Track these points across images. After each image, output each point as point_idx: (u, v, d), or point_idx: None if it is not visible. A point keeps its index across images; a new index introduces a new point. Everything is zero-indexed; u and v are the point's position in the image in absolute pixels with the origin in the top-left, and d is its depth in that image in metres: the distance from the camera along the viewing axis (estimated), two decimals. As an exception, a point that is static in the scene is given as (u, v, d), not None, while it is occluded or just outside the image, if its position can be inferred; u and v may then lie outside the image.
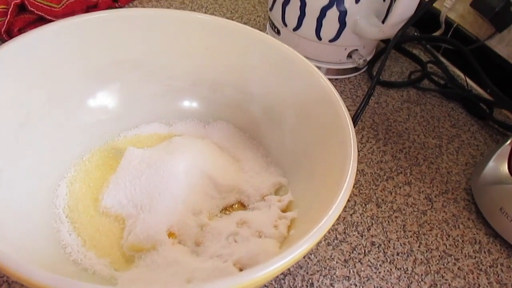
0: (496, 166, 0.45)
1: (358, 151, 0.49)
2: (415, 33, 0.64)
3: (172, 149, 0.37)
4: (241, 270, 0.30)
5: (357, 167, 0.47)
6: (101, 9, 0.58)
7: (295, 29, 0.54)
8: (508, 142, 0.46)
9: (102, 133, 0.39)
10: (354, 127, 0.44)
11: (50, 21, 0.52)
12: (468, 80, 0.60)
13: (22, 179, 0.32)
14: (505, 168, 0.44)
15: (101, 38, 0.38)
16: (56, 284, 0.19)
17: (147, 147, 0.39)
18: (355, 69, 0.58)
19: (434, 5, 0.58)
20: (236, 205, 0.37)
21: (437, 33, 0.63)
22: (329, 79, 0.57)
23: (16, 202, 0.30)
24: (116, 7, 0.61)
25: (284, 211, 0.36)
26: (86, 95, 0.38)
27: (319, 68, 0.56)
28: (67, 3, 0.54)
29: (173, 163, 0.35)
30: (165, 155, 0.36)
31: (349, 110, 0.53)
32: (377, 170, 0.47)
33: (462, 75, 0.63)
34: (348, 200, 0.42)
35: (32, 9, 0.51)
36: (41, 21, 0.52)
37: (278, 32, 0.57)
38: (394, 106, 0.56)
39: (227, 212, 0.37)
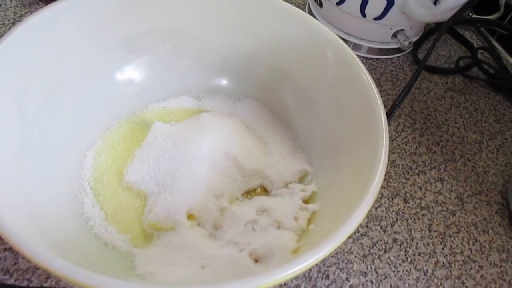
0: (538, 170, 0.42)
1: (392, 140, 0.47)
2: (469, 14, 0.59)
3: (199, 127, 0.37)
4: (256, 261, 0.30)
5: (389, 157, 0.45)
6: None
7: (339, 3, 0.51)
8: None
9: (130, 105, 0.39)
10: (391, 116, 0.42)
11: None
12: (521, 71, 0.56)
13: (50, 148, 0.32)
14: (547, 175, 0.41)
15: (135, 7, 0.36)
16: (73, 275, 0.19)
17: (175, 121, 0.39)
18: (399, 50, 0.55)
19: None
20: (259, 189, 0.37)
21: (493, 17, 0.58)
22: (370, 59, 0.55)
23: (44, 171, 0.30)
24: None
25: (306, 201, 0.35)
26: (113, 67, 0.38)
27: (360, 46, 0.54)
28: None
29: (198, 143, 0.35)
30: (191, 133, 0.36)
31: (388, 93, 0.51)
32: (409, 162, 0.45)
33: (515, 64, 0.58)
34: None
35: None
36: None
37: (321, 5, 0.54)
38: (437, 93, 0.53)
39: (249, 196, 0.36)
